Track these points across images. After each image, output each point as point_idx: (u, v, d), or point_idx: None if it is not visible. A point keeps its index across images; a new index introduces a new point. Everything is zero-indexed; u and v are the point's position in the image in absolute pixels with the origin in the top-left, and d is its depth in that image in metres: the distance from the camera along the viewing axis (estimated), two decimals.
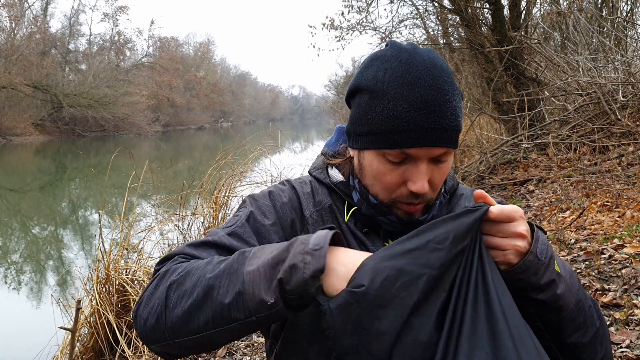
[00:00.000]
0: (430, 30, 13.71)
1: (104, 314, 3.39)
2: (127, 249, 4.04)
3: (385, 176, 0.98)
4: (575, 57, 7.23)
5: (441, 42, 12.79)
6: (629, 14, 9.30)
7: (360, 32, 11.52)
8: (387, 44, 1.01)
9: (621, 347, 2.51)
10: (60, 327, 2.83)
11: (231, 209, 4.97)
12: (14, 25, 36.57)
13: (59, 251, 7.76)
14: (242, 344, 3.43)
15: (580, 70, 6.91)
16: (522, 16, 9.66)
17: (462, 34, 10.95)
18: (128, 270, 3.81)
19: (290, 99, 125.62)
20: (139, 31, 72.71)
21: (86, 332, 3.54)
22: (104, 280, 3.63)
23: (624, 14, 9.10)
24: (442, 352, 0.77)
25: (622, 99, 6.35)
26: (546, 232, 1.16)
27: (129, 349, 3.27)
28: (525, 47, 8.57)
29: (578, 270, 3.63)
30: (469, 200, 1.13)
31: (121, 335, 3.32)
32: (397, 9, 15.10)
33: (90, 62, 42.55)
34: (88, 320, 3.52)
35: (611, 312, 2.95)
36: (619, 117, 6.39)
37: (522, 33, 8.51)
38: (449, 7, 10.37)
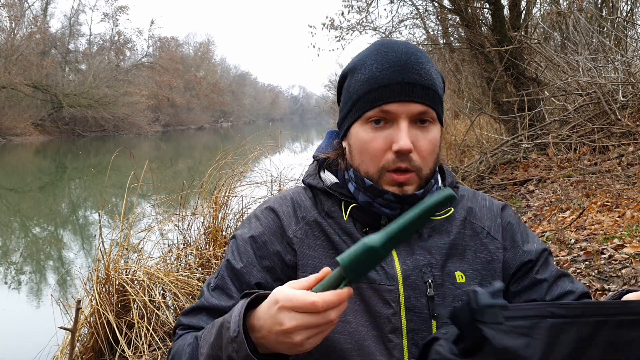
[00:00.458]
0: (430, 30, 13.73)
1: (104, 314, 3.40)
2: (127, 249, 4.04)
3: (370, 143, 1.00)
4: (575, 57, 7.23)
5: (441, 42, 12.79)
6: (629, 14, 9.30)
7: (360, 32, 11.53)
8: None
9: None
10: (60, 327, 2.83)
11: (231, 209, 4.96)
12: (14, 25, 36.58)
13: (59, 251, 7.77)
14: None
15: (580, 70, 6.91)
16: (522, 16, 9.66)
17: (462, 34, 10.96)
18: (128, 270, 3.81)
19: (290, 99, 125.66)
20: (139, 31, 72.77)
21: (86, 332, 3.55)
22: (104, 280, 3.63)
23: (624, 14, 9.10)
24: None
25: (622, 99, 6.35)
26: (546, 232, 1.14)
27: (128, 349, 3.27)
28: (525, 47, 8.57)
29: (578, 270, 3.63)
30: (470, 201, 1.12)
31: (121, 335, 3.32)
32: (397, 9, 15.08)
33: (90, 62, 42.54)
34: (88, 320, 3.52)
35: None
36: (619, 117, 6.39)
37: (522, 33, 8.51)
38: (449, 7, 10.37)
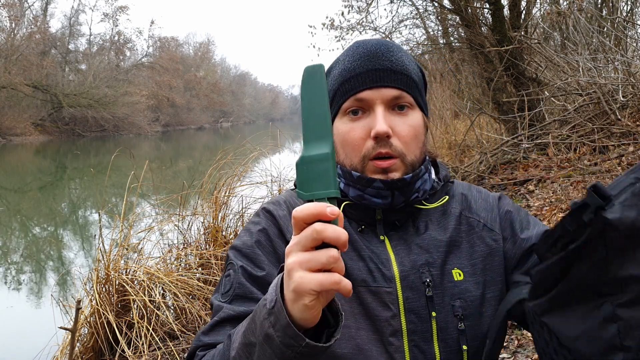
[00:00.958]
0: (430, 30, 13.72)
1: (104, 314, 3.40)
2: (127, 249, 4.04)
3: (350, 134, 1.00)
4: (575, 57, 7.23)
5: (441, 42, 12.79)
6: (629, 14, 9.30)
7: (360, 32, 11.54)
8: None
9: None
10: (60, 327, 2.83)
11: (231, 209, 4.96)
12: (14, 25, 36.59)
13: (59, 251, 7.77)
14: None
15: (580, 70, 6.91)
16: (522, 16, 9.66)
17: (462, 34, 10.96)
18: (128, 270, 3.82)
19: (290, 99, 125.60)
20: (139, 31, 72.93)
21: (86, 332, 3.55)
22: (104, 280, 3.63)
23: (624, 14, 9.10)
24: None
25: (622, 99, 6.35)
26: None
27: (128, 349, 3.27)
28: (525, 47, 8.57)
29: None
30: (465, 195, 1.10)
31: (121, 335, 3.32)
32: (397, 9, 15.12)
33: (90, 62, 42.56)
34: (88, 320, 3.52)
35: None
36: (619, 117, 6.39)
37: (522, 33, 8.50)
38: (449, 7, 10.36)
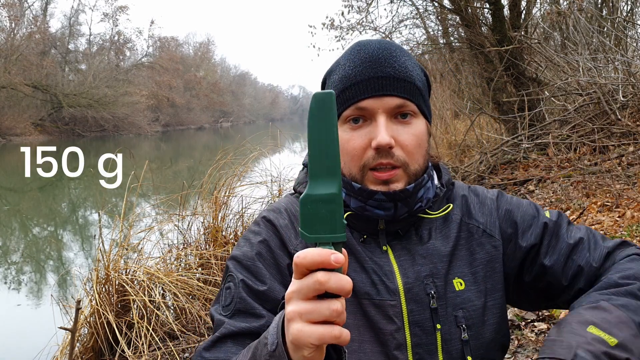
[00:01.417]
0: (430, 30, 13.72)
1: (103, 314, 3.39)
2: (127, 249, 4.04)
3: (349, 143, 0.97)
4: (575, 57, 7.22)
5: (441, 42, 12.79)
6: (629, 14, 9.30)
7: (360, 32, 11.53)
8: None
9: None
10: (60, 327, 2.83)
11: (231, 209, 4.96)
12: (13, 25, 36.57)
13: (59, 251, 7.76)
14: None
15: (580, 70, 6.91)
16: (522, 16, 9.66)
17: (462, 34, 10.96)
18: (128, 271, 3.81)
19: (290, 99, 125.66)
20: (138, 31, 72.81)
21: (86, 332, 3.54)
22: (103, 280, 3.63)
23: (624, 14, 9.09)
24: None
25: (622, 99, 6.35)
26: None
27: (128, 349, 3.27)
28: (525, 47, 8.57)
29: None
30: (465, 199, 1.09)
31: (121, 335, 3.32)
32: (397, 8, 15.06)
33: (90, 62, 42.55)
34: (88, 320, 3.52)
35: None
36: (619, 117, 6.39)
37: (522, 33, 8.50)
38: (449, 7, 10.36)
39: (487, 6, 9.30)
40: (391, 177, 0.95)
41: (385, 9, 48.16)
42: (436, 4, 11.33)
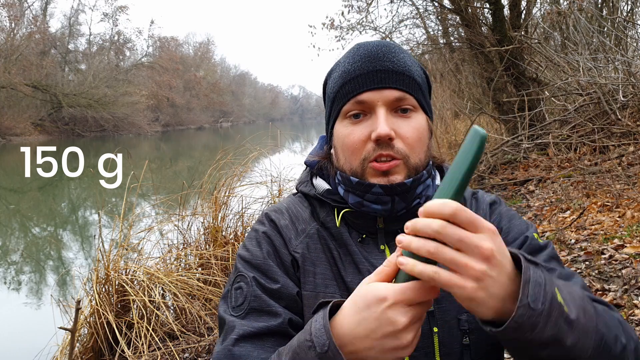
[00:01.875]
0: (430, 30, 13.72)
1: (103, 314, 3.39)
2: (127, 249, 4.04)
3: (350, 137, 0.97)
4: (575, 57, 7.23)
5: (441, 42, 12.79)
6: (629, 14, 9.29)
7: (360, 32, 11.52)
8: None
9: None
10: (60, 327, 2.83)
11: (231, 209, 4.95)
12: (13, 25, 36.58)
13: (59, 251, 7.76)
14: None
15: (581, 70, 6.91)
16: (522, 16, 9.66)
17: (462, 34, 10.95)
18: (128, 271, 3.81)
19: (290, 99, 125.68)
20: (138, 31, 72.72)
21: (86, 332, 3.54)
22: (103, 281, 3.62)
23: (624, 14, 9.09)
24: None
25: (622, 99, 6.35)
26: (545, 233, 1.07)
27: (128, 349, 3.27)
28: (525, 47, 8.57)
29: (578, 271, 3.62)
30: (467, 201, 1.07)
31: (121, 335, 3.31)
32: (397, 8, 15.12)
33: (90, 62, 42.57)
34: (88, 320, 3.51)
35: None
36: (619, 117, 6.39)
37: (522, 33, 8.51)
38: (449, 7, 10.36)
39: (487, 6, 9.30)
40: (391, 167, 0.95)
41: (385, 9, 48.23)
42: (436, 4, 11.33)
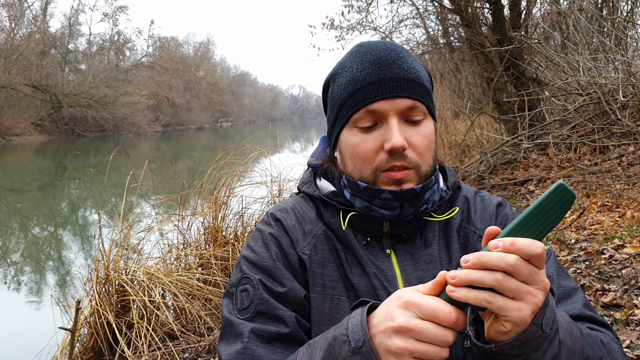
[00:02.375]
0: (430, 30, 13.73)
1: (103, 314, 3.39)
2: (126, 249, 4.04)
3: (361, 146, 0.95)
4: (575, 57, 7.23)
5: (441, 42, 12.79)
6: (629, 14, 9.29)
7: (360, 32, 11.55)
8: None
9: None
10: (60, 327, 2.83)
11: (231, 209, 4.95)
12: (13, 25, 36.58)
13: (59, 251, 7.76)
14: None
15: (581, 70, 6.91)
16: (522, 16, 9.66)
17: (462, 34, 10.95)
18: (128, 271, 3.81)
19: (290, 99, 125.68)
20: (138, 31, 72.87)
21: (86, 332, 3.54)
22: (103, 281, 3.62)
23: (624, 14, 9.09)
24: None
25: (622, 99, 6.35)
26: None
27: (128, 349, 3.27)
28: (525, 47, 8.57)
29: (578, 271, 3.62)
30: (468, 203, 1.07)
31: (121, 335, 3.31)
32: (397, 8, 15.16)
33: (90, 62, 42.56)
34: (88, 320, 3.51)
35: (611, 312, 2.95)
36: (619, 117, 6.39)
37: (522, 33, 8.51)
38: (449, 7, 10.36)
39: (487, 6, 9.30)
40: (404, 176, 0.94)
41: (385, 9, 48.28)
42: (436, 4, 11.33)
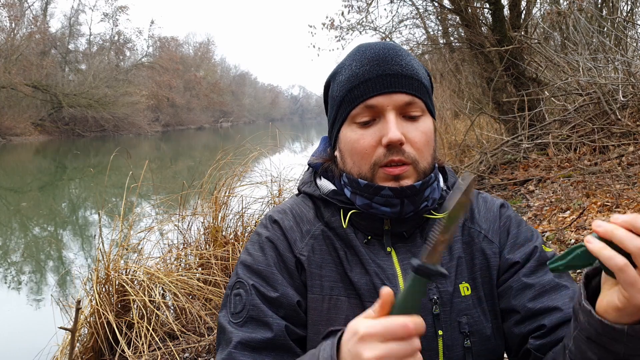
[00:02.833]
0: (430, 30, 13.72)
1: (103, 314, 3.39)
2: (127, 249, 4.04)
3: (359, 142, 0.96)
4: (575, 57, 7.22)
5: (441, 42, 12.79)
6: (629, 14, 9.29)
7: (360, 32, 11.53)
8: None
9: None
10: (60, 327, 2.83)
11: (231, 209, 4.95)
12: (13, 25, 36.58)
13: (59, 251, 7.76)
14: None
15: (580, 70, 6.91)
16: (522, 16, 9.65)
17: (462, 34, 10.95)
18: (128, 271, 3.81)
19: (290, 99, 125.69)
20: (138, 31, 72.83)
21: (86, 332, 3.54)
22: (103, 280, 3.63)
23: (624, 14, 9.09)
24: None
25: (622, 99, 6.35)
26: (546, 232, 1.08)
27: (128, 349, 3.27)
28: (525, 47, 8.57)
29: (578, 270, 3.62)
30: (475, 204, 1.07)
31: (121, 335, 3.31)
32: (397, 8, 15.13)
33: (90, 62, 42.56)
34: (88, 320, 3.52)
35: None
36: (619, 117, 6.39)
37: (522, 33, 8.51)
38: (449, 7, 10.36)
39: (487, 6, 9.29)
40: (402, 172, 0.95)
41: (385, 9, 48.20)
42: (436, 4, 11.33)
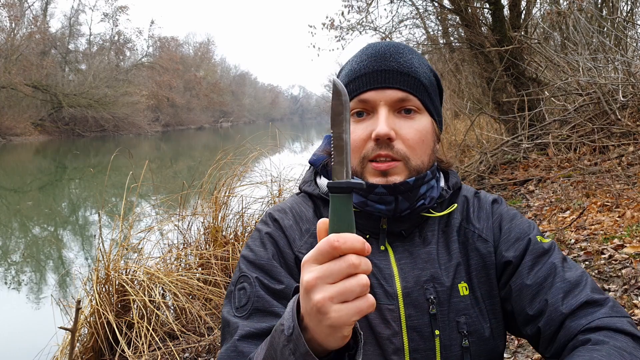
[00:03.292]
0: (430, 30, 13.72)
1: (103, 314, 3.39)
2: (127, 249, 4.04)
3: (351, 135, 0.93)
4: (575, 57, 7.22)
5: (441, 42, 12.79)
6: (629, 14, 9.29)
7: (360, 32, 11.54)
8: None
9: None
10: (60, 327, 2.83)
11: (231, 209, 4.96)
12: (13, 25, 36.58)
13: (59, 251, 7.76)
14: None
15: (580, 70, 6.91)
16: (522, 16, 9.65)
17: (462, 34, 10.95)
18: (128, 270, 3.81)
19: (290, 99, 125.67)
20: (139, 31, 72.73)
21: (86, 332, 3.55)
22: (103, 280, 3.63)
23: (624, 14, 9.09)
24: None
25: (622, 99, 6.35)
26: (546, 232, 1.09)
27: (128, 349, 3.27)
28: (525, 47, 8.57)
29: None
30: (468, 203, 1.07)
31: (121, 335, 3.32)
32: (397, 9, 15.14)
33: (90, 62, 42.56)
34: (88, 320, 3.52)
35: None
36: (619, 117, 6.39)
37: (522, 33, 8.50)
38: (449, 7, 10.36)
39: (487, 6, 9.29)
40: (389, 168, 0.94)
41: (385, 9, 48.25)
42: (436, 4, 11.32)
